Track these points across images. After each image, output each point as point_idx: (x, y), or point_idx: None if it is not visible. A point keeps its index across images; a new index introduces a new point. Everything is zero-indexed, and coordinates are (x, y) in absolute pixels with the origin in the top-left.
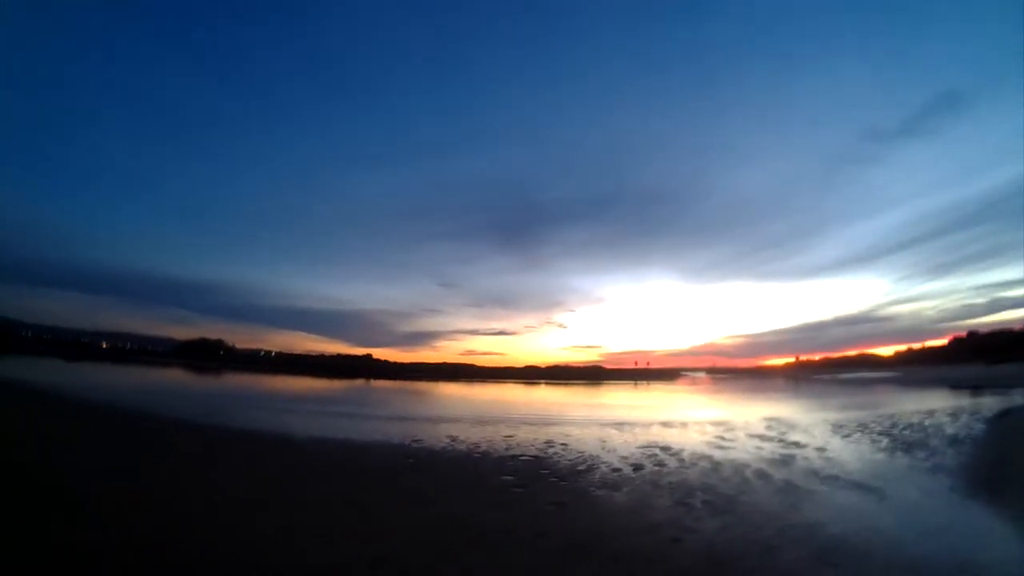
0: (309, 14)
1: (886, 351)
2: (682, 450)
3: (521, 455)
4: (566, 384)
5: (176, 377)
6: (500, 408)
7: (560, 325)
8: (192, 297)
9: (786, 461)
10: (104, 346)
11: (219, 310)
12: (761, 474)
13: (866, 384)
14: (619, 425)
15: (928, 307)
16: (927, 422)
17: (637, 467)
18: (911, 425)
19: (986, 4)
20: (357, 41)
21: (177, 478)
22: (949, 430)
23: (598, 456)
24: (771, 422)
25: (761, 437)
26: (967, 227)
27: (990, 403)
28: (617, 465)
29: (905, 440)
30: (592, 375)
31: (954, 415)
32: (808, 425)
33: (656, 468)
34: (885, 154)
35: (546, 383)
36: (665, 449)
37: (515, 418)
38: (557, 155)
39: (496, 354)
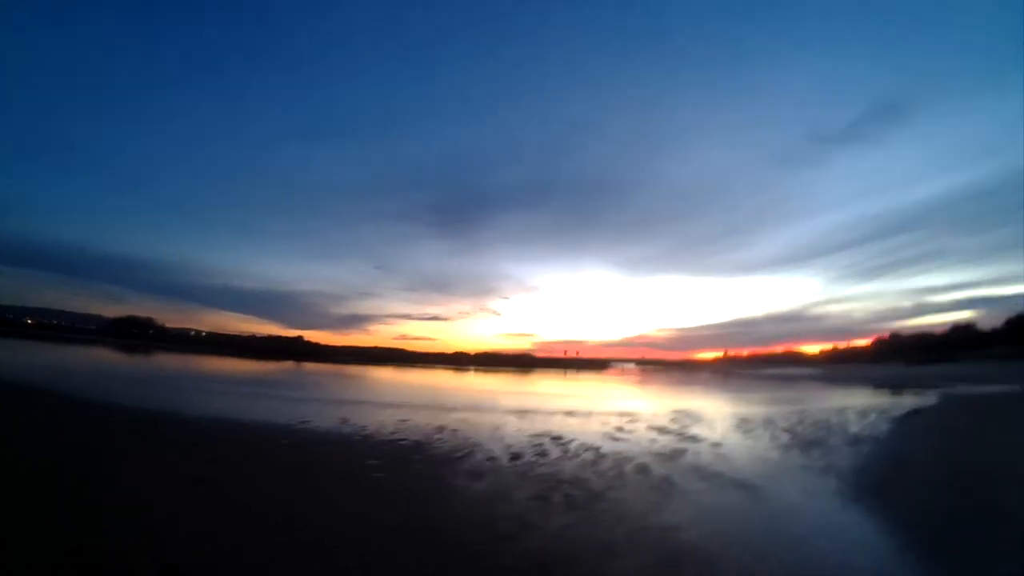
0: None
1: (813, 349)
2: (572, 440)
3: (403, 440)
4: (495, 371)
5: (89, 355)
6: (412, 393)
7: (494, 312)
8: (124, 274)
9: (675, 456)
10: (29, 322)
11: (151, 287)
12: (642, 468)
13: (788, 380)
14: (523, 413)
15: (857, 308)
16: (834, 420)
17: (515, 456)
18: (817, 422)
19: (932, 15)
20: (296, 13)
21: None
22: (853, 429)
23: (482, 444)
24: (679, 415)
25: (661, 430)
26: (900, 232)
27: (903, 402)
28: (496, 454)
29: (806, 437)
30: (522, 363)
31: (863, 413)
32: (715, 419)
33: (535, 458)
34: (827, 157)
35: (475, 370)
36: (556, 439)
37: (420, 403)
38: (500, 138)
39: (429, 339)
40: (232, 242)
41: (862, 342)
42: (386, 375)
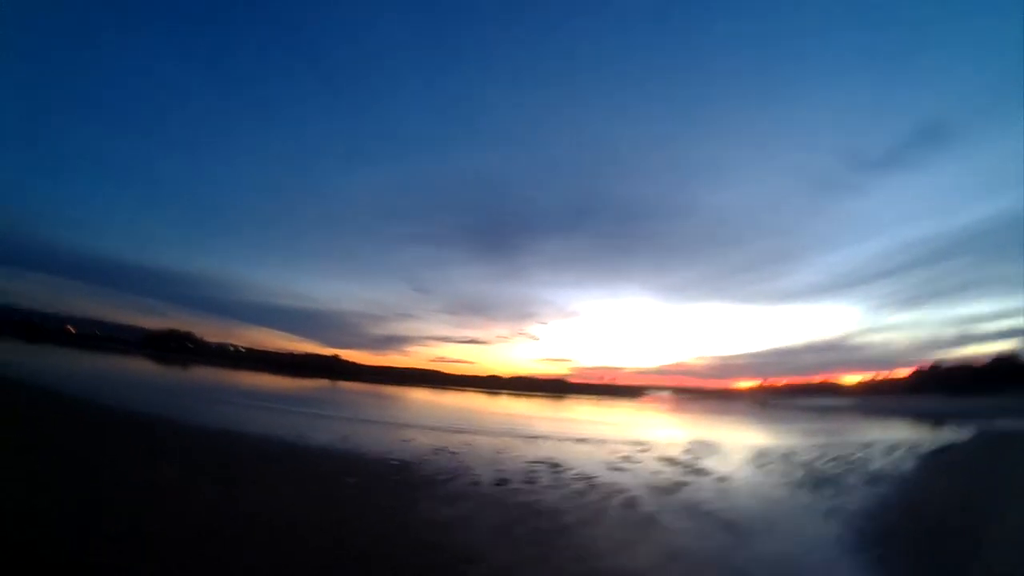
0: (296, 14)
1: (852, 379)
2: (570, 469)
3: (393, 460)
4: (527, 396)
5: (126, 366)
6: (432, 414)
7: (532, 337)
8: (165, 287)
9: (671, 490)
10: (71, 331)
11: (191, 302)
12: (629, 503)
13: (823, 411)
14: (533, 438)
15: (899, 337)
16: (857, 455)
17: (500, 482)
18: (839, 458)
19: (974, 38)
20: (342, 40)
21: None
22: (875, 466)
23: (473, 468)
24: (696, 445)
25: (671, 461)
26: (943, 260)
27: (936, 437)
28: (482, 478)
29: (821, 474)
30: (555, 388)
31: (890, 449)
32: (733, 451)
33: (520, 486)
34: (868, 183)
35: (508, 394)
36: (553, 466)
37: (434, 424)
38: (540, 162)
39: (466, 362)
40: (273, 260)
41: (903, 372)
42: (415, 396)
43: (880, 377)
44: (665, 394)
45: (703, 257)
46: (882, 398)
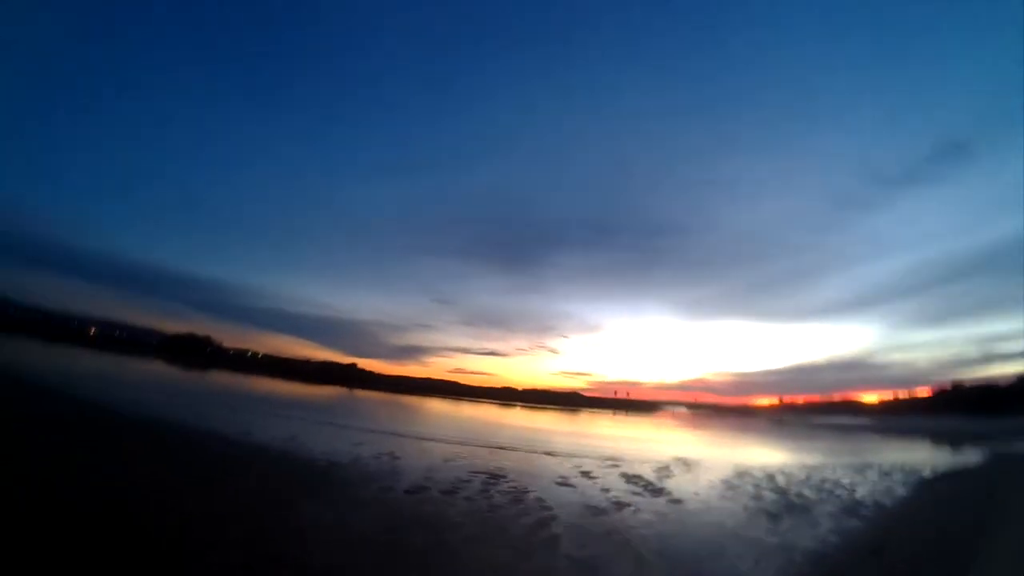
0: (323, 29)
1: (871, 397)
2: (510, 482)
3: (324, 461)
4: (540, 408)
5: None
6: (419, 422)
7: (552, 350)
8: (185, 292)
9: (606, 511)
10: (92, 332)
11: (211, 307)
12: (543, 522)
13: (836, 430)
14: (500, 449)
15: (921, 356)
16: (846, 479)
17: (414, 490)
18: (824, 481)
19: (993, 53)
20: (367, 55)
21: None
22: (860, 492)
23: (405, 473)
24: (676, 462)
25: (633, 478)
26: (965, 277)
27: (942, 460)
28: (403, 485)
29: (796, 500)
30: (570, 401)
31: (887, 472)
32: (711, 469)
33: (437, 496)
34: (887, 199)
35: (521, 406)
36: (493, 477)
37: (406, 431)
38: (563, 176)
39: (486, 374)
40: (294, 269)
41: (923, 392)
42: (420, 405)
43: (900, 396)
44: (681, 410)
45: (723, 273)
46: (901, 418)
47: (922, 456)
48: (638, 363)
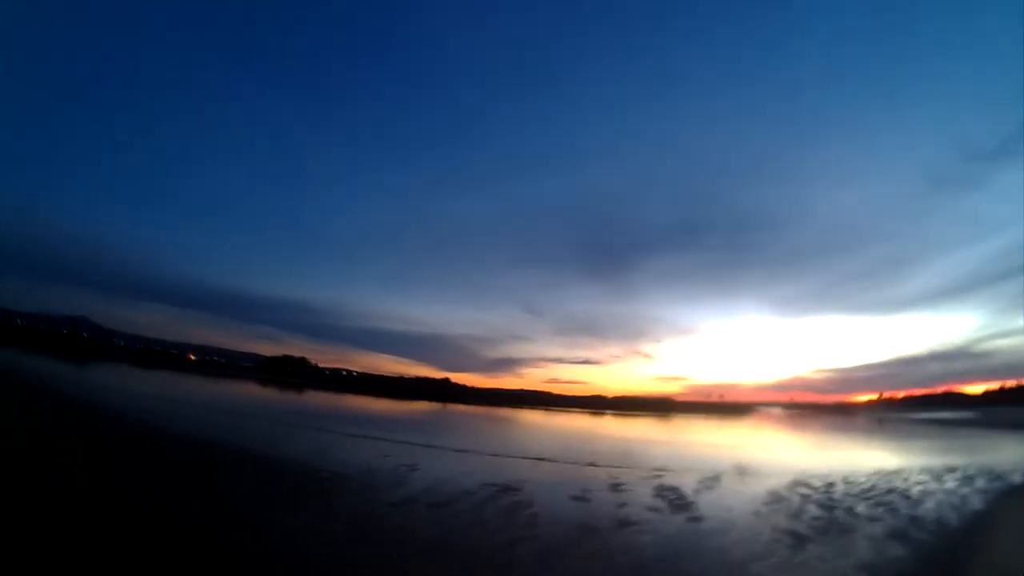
0: (404, 44)
1: (977, 389)
2: (520, 494)
3: (329, 471)
4: (631, 415)
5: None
6: (487, 434)
7: (646, 356)
8: (279, 315)
9: (610, 531)
10: (192, 358)
11: (305, 329)
12: (516, 542)
13: (938, 425)
14: (540, 460)
15: None
16: (917, 488)
17: (401, 504)
18: (887, 491)
19: None
20: (445, 63)
21: None
22: (926, 506)
23: (417, 484)
24: (732, 471)
25: (670, 491)
26: None
27: None
28: (410, 496)
29: (842, 518)
30: (661, 407)
31: (967, 479)
32: (768, 479)
33: (426, 511)
34: (984, 176)
35: (612, 414)
36: (505, 490)
37: (459, 445)
38: (649, 179)
39: (580, 383)
40: (383, 286)
41: None
42: (507, 417)
43: (1007, 386)
44: (777, 410)
45: (816, 267)
46: (1009, 409)
47: (1015, 457)
48: (734, 364)
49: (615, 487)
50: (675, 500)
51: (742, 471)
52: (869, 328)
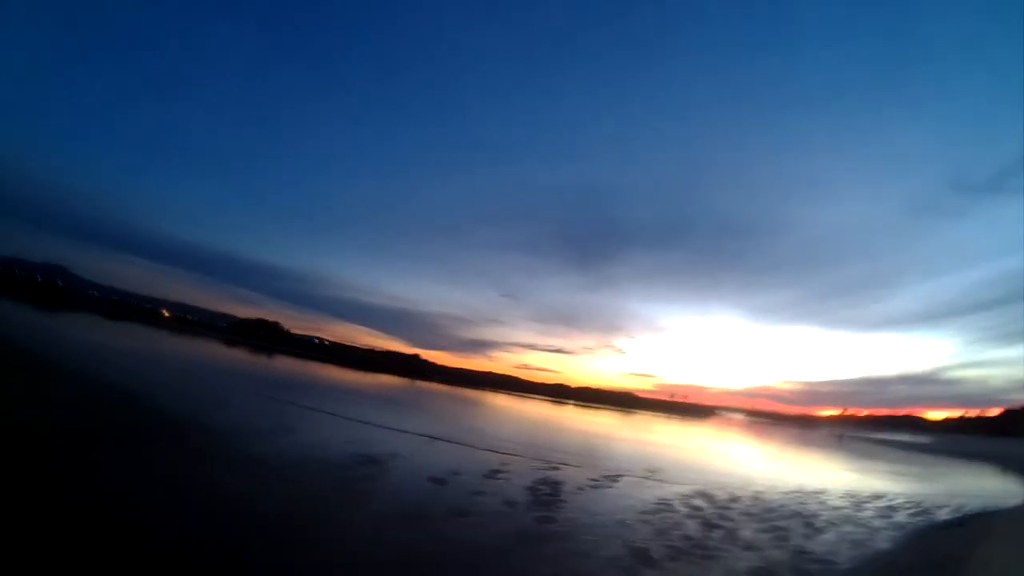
0: (394, 27)
1: (937, 415)
2: (386, 469)
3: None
4: (591, 407)
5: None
6: (438, 416)
7: (618, 350)
8: (256, 278)
9: (441, 518)
10: (165, 314)
11: (281, 294)
12: (331, 514)
13: (892, 447)
14: (436, 439)
15: (996, 374)
16: (824, 515)
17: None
18: (791, 515)
19: None
20: (435, 47)
21: None
22: (821, 538)
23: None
24: (644, 471)
25: (546, 486)
26: None
27: (979, 493)
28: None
29: (716, 541)
30: (623, 402)
31: (892, 508)
32: (675, 484)
33: (257, 466)
34: (970, 207)
35: (574, 404)
36: (372, 462)
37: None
38: (637, 174)
39: (551, 371)
40: (363, 258)
41: (994, 411)
42: (471, 398)
43: (968, 415)
44: (738, 417)
45: (795, 279)
46: (967, 438)
47: (953, 486)
48: (703, 367)
49: (491, 474)
50: (543, 496)
51: (651, 473)
52: (840, 344)
